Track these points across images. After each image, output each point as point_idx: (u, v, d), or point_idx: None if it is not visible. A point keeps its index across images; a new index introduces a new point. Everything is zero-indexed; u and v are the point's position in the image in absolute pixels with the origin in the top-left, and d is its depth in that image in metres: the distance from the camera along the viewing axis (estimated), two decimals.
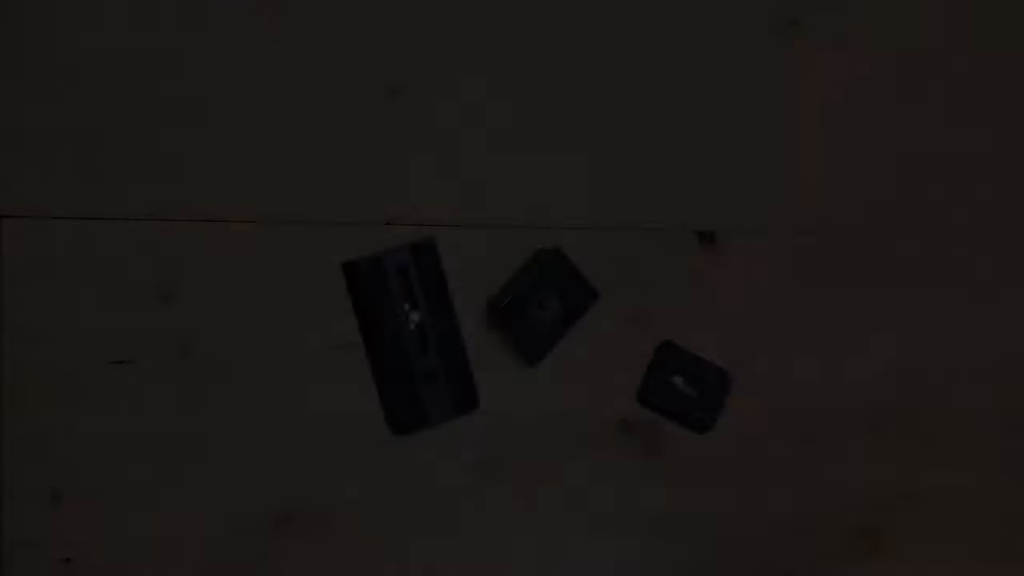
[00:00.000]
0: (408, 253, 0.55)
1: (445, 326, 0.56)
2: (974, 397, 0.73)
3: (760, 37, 0.68)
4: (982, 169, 0.73)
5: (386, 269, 0.55)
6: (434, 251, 0.56)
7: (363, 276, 0.54)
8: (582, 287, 0.63)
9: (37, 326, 0.56)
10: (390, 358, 0.55)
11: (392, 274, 0.55)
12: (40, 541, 0.56)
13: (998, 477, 0.73)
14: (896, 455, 0.71)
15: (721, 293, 0.67)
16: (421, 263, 0.55)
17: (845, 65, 0.70)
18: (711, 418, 0.66)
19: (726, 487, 0.67)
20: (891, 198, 0.71)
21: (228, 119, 0.59)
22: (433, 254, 0.56)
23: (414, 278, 0.55)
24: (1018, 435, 0.73)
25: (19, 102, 0.56)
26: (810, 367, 0.69)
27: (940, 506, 0.71)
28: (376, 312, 0.54)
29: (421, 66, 0.62)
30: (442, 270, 0.56)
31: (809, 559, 0.68)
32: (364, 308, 0.54)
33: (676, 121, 0.67)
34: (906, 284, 0.71)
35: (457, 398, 0.58)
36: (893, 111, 0.71)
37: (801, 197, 0.69)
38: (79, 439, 0.56)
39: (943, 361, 0.72)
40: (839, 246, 0.70)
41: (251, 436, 0.59)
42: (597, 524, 0.65)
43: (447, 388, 0.57)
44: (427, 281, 0.55)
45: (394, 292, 0.55)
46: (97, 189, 0.57)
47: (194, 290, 0.58)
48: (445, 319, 0.56)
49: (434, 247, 0.56)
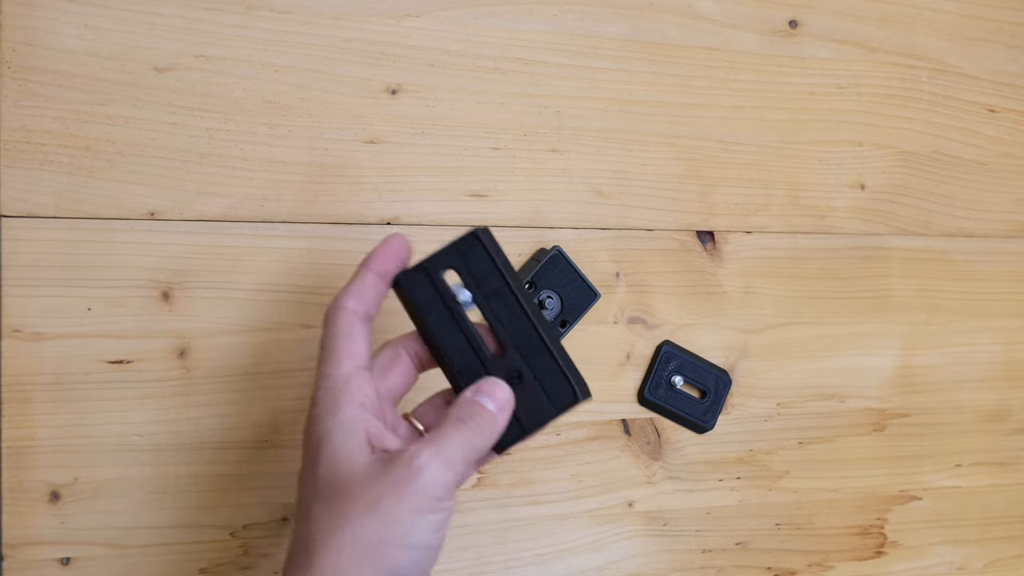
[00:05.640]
0: (455, 253, 0.49)
1: (513, 316, 0.49)
2: (974, 397, 0.73)
3: (760, 37, 0.69)
4: (982, 169, 0.73)
5: (433, 277, 0.49)
6: (479, 240, 0.49)
7: (406, 290, 0.49)
8: (582, 287, 0.63)
9: (37, 326, 0.56)
10: (462, 370, 0.49)
11: (440, 280, 0.49)
12: (40, 541, 0.56)
13: (998, 477, 0.73)
14: (896, 455, 0.71)
15: (721, 293, 0.67)
16: (471, 259, 0.49)
17: (845, 65, 0.70)
18: (711, 418, 0.66)
19: (726, 487, 0.67)
20: (890, 198, 0.71)
21: (228, 119, 0.59)
22: (480, 244, 0.49)
23: (467, 278, 0.49)
24: (1018, 435, 0.73)
25: (19, 102, 0.56)
26: (810, 367, 0.69)
27: (940, 506, 0.71)
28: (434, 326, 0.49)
29: (421, 66, 0.62)
30: (495, 257, 0.49)
31: (809, 559, 0.68)
32: (421, 324, 0.49)
33: (676, 121, 0.67)
34: (906, 284, 0.71)
35: (552, 395, 0.50)
36: (893, 111, 0.72)
37: (801, 197, 0.69)
38: (79, 439, 0.56)
39: (943, 361, 0.72)
40: (838, 246, 0.70)
41: (251, 436, 0.59)
42: (597, 524, 0.65)
43: (538, 386, 0.50)
44: (480, 274, 0.49)
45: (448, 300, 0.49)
46: (97, 189, 0.57)
47: (194, 290, 0.58)
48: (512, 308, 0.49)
49: (478, 235, 0.49)
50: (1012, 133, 0.74)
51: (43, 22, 0.56)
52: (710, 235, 0.67)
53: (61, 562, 0.56)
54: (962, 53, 0.73)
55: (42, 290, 0.56)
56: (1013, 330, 0.74)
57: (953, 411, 0.72)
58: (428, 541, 0.44)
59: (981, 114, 0.73)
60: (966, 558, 0.72)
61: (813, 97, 0.70)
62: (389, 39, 0.62)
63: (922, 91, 0.72)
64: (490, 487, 0.63)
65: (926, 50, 0.72)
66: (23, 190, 0.56)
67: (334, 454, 0.45)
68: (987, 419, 0.73)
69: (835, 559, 0.69)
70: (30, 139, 0.56)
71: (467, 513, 0.63)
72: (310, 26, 0.60)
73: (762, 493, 0.68)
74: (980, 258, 0.73)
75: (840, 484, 0.69)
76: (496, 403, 0.47)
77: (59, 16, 0.57)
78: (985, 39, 0.74)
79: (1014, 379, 0.74)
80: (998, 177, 0.74)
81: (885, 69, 0.71)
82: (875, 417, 0.70)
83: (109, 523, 0.57)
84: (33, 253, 0.56)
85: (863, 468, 0.70)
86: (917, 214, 0.72)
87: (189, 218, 0.58)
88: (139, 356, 0.57)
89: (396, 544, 0.43)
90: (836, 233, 0.70)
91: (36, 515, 0.56)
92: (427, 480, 0.43)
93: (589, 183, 0.65)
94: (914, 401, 0.71)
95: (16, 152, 0.56)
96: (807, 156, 0.69)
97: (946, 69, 0.73)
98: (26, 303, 0.56)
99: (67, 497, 0.56)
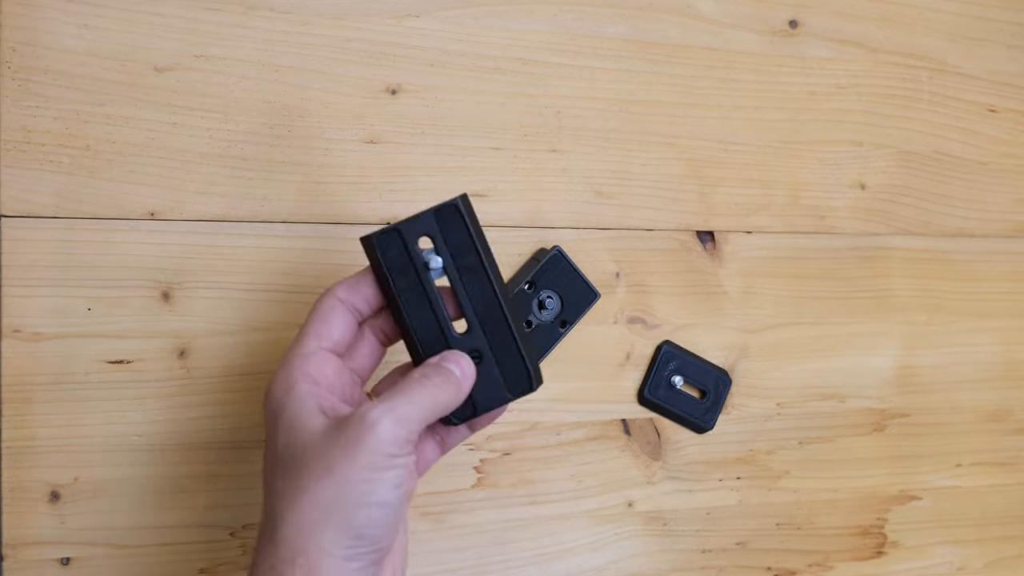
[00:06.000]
0: (432, 219, 0.48)
1: (484, 296, 0.49)
2: (974, 397, 0.73)
3: (760, 37, 0.69)
4: (982, 169, 0.73)
5: (407, 241, 0.48)
6: (459, 210, 0.48)
7: (379, 252, 0.48)
8: (582, 287, 0.63)
9: (37, 326, 0.56)
10: (424, 340, 0.49)
11: (414, 245, 0.48)
12: (40, 541, 0.56)
13: (998, 477, 0.73)
14: (896, 455, 0.71)
15: (721, 293, 0.67)
16: (448, 229, 0.48)
17: (845, 65, 0.70)
18: (711, 418, 0.66)
19: (726, 487, 0.67)
20: (890, 198, 0.71)
21: (228, 119, 0.59)
22: (460, 215, 0.48)
23: (441, 247, 0.48)
24: (1018, 435, 0.73)
25: (19, 102, 0.56)
26: (810, 367, 0.69)
27: (940, 506, 0.71)
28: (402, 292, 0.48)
29: (421, 66, 0.62)
30: (471, 230, 0.48)
31: (809, 559, 0.68)
32: (386, 289, 0.49)
33: (676, 121, 0.67)
34: (906, 284, 0.71)
35: (509, 380, 0.50)
36: (893, 111, 0.72)
37: (801, 197, 0.69)
38: (79, 439, 0.56)
39: (943, 361, 0.72)
40: (838, 246, 0.70)
41: (251, 436, 0.59)
42: (597, 524, 0.65)
43: (496, 369, 0.49)
44: (456, 246, 0.48)
45: (419, 266, 0.48)
46: (97, 189, 0.57)
47: (194, 290, 0.58)
48: (483, 287, 0.49)
49: (457, 205, 0.48)
50: (1012, 133, 0.74)
51: (43, 22, 0.56)
52: (710, 235, 0.67)
53: (61, 562, 0.56)
54: (962, 53, 0.73)
55: (42, 290, 0.56)
56: (1013, 330, 0.74)
57: (953, 411, 0.72)
58: (386, 498, 0.44)
59: (981, 114, 0.73)
60: (966, 558, 0.72)
61: (813, 97, 0.70)
62: (389, 39, 0.62)
63: (922, 91, 0.72)
64: (490, 487, 0.63)
65: (926, 50, 0.72)
66: (23, 190, 0.56)
67: (289, 425, 0.45)
68: (987, 419, 0.73)
69: (835, 559, 0.69)
70: (30, 139, 0.56)
71: (467, 513, 0.63)
72: (310, 26, 0.60)
73: (762, 493, 0.68)
74: (980, 258, 0.73)
75: (840, 484, 0.69)
76: (461, 371, 0.48)
77: (59, 16, 0.57)
78: (985, 39, 0.74)
79: (1014, 379, 0.74)
80: (998, 177, 0.74)
81: (885, 69, 0.71)
82: (875, 417, 0.70)
83: (109, 523, 0.57)
84: (33, 253, 0.56)
85: (863, 468, 0.70)
86: (917, 214, 0.72)
87: (189, 218, 0.58)
88: (139, 356, 0.57)
89: (354, 504, 0.43)
90: (836, 233, 0.70)
91: (36, 515, 0.56)
92: (378, 436, 0.43)
93: (589, 183, 0.65)
94: (914, 401, 0.71)
95: (16, 152, 0.56)
96: (807, 156, 0.69)
97: (946, 69, 0.73)
98: (26, 303, 0.56)
99: (67, 497, 0.56)
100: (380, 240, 0.48)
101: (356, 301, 0.49)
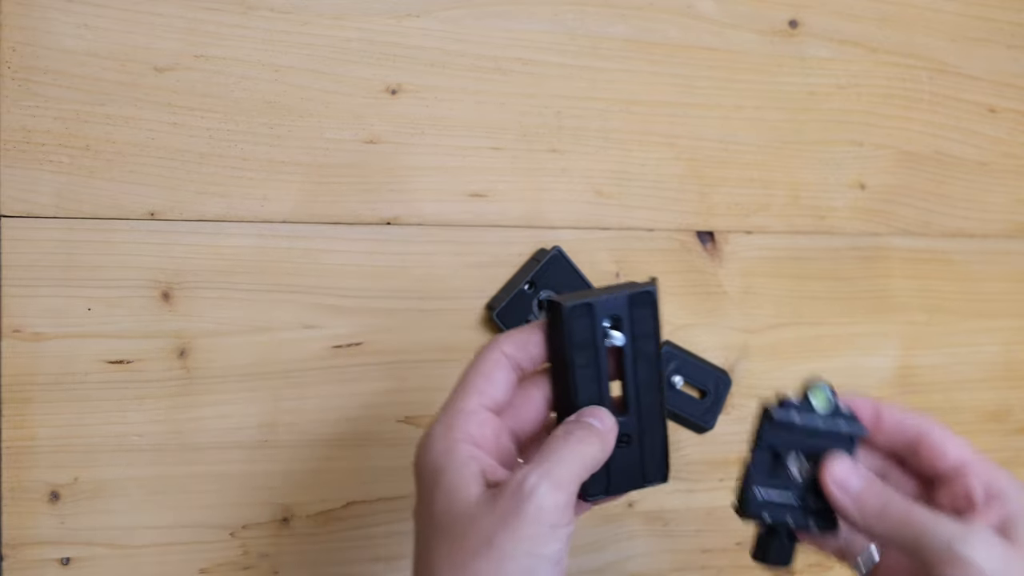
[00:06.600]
0: (625, 303, 0.47)
1: (649, 384, 0.48)
2: (974, 397, 0.73)
3: (760, 37, 0.69)
4: (982, 169, 0.73)
5: (596, 318, 0.47)
6: (653, 300, 0.47)
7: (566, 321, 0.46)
8: (582, 287, 0.63)
9: (37, 326, 0.56)
10: None
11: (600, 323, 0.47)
12: (40, 541, 0.56)
13: None
14: None
15: (721, 293, 0.67)
16: (636, 314, 0.47)
17: (845, 65, 0.70)
18: (711, 418, 0.66)
19: (726, 487, 0.67)
20: (890, 198, 0.71)
21: (228, 119, 0.59)
22: (652, 304, 0.47)
23: (626, 330, 0.47)
24: (1018, 435, 0.73)
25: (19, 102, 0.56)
26: (810, 367, 0.69)
27: None
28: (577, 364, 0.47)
29: (421, 66, 0.62)
30: (656, 320, 0.48)
31: (810, 559, 0.68)
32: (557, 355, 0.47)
33: (676, 121, 0.67)
34: (906, 284, 0.71)
35: (646, 467, 0.49)
36: (893, 111, 0.72)
37: (801, 197, 0.69)
38: (79, 439, 0.56)
39: (943, 361, 0.72)
40: (838, 246, 0.70)
41: (251, 436, 0.59)
42: (597, 524, 0.65)
43: (638, 455, 0.49)
44: (640, 333, 0.48)
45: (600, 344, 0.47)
46: (97, 189, 0.57)
47: (194, 290, 0.58)
48: (651, 376, 0.48)
49: (653, 294, 0.47)
50: (1012, 133, 0.74)
51: (43, 22, 0.56)
52: (710, 235, 0.67)
53: (61, 562, 0.56)
54: (962, 53, 0.73)
55: (42, 290, 0.56)
56: (1013, 330, 0.74)
57: (953, 411, 0.72)
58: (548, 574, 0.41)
59: (981, 114, 0.73)
60: None
61: (813, 97, 0.70)
62: (389, 39, 0.62)
63: (922, 91, 0.72)
64: None
65: (926, 50, 0.72)
66: (23, 190, 0.56)
67: (448, 490, 0.43)
68: (987, 419, 0.73)
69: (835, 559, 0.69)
70: (30, 139, 0.56)
71: None
72: (310, 26, 0.60)
73: None
74: (980, 258, 0.73)
75: None
76: (602, 424, 0.46)
77: (59, 16, 0.57)
78: (985, 39, 0.74)
79: (1014, 379, 0.74)
80: (998, 177, 0.74)
81: (885, 69, 0.71)
82: None
83: (109, 523, 0.57)
84: (33, 253, 0.56)
85: None
86: (917, 214, 0.72)
87: (189, 218, 0.58)
88: (139, 356, 0.57)
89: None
90: (836, 233, 0.70)
91: (36, 515, 0.56)
92: (538, 505, 0.41)
93: (589, 183, 0.65)
94: (914, 401, 0.71)
95: (16, 152, 0.56)
96: (807, 156, 0.69)
97: (946, 69, 0.73)
98: (26, 303, 0.56)
99: (67, 497, 0.56)
100: (572, 311, 0.46)
101: (522, 359, 0.46)
